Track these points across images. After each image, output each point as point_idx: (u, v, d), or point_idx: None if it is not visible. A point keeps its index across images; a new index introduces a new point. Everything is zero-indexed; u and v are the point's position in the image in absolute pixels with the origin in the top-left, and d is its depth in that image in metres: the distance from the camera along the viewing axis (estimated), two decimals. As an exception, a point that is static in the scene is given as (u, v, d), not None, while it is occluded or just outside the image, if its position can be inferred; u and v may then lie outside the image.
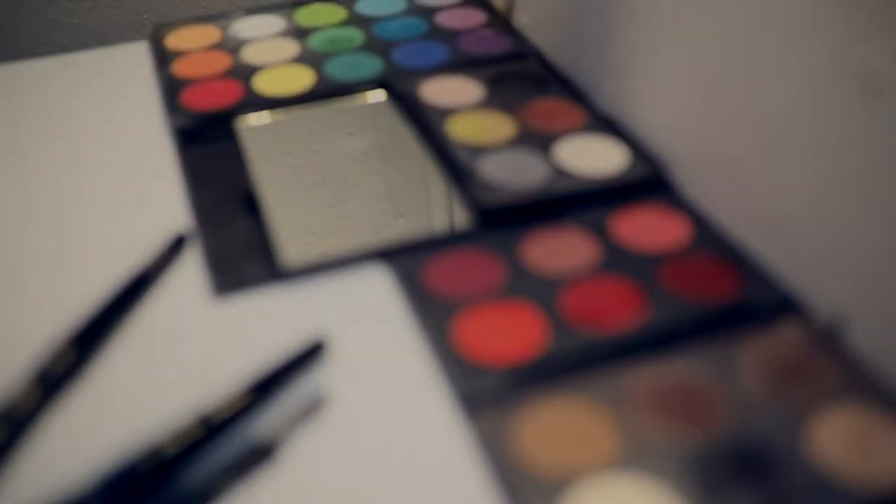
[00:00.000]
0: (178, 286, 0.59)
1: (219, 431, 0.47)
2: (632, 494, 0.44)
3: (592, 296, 0.56)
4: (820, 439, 0.46)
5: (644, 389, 0.49)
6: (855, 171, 0.49)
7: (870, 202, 0.49)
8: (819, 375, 0.50)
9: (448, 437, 0.48)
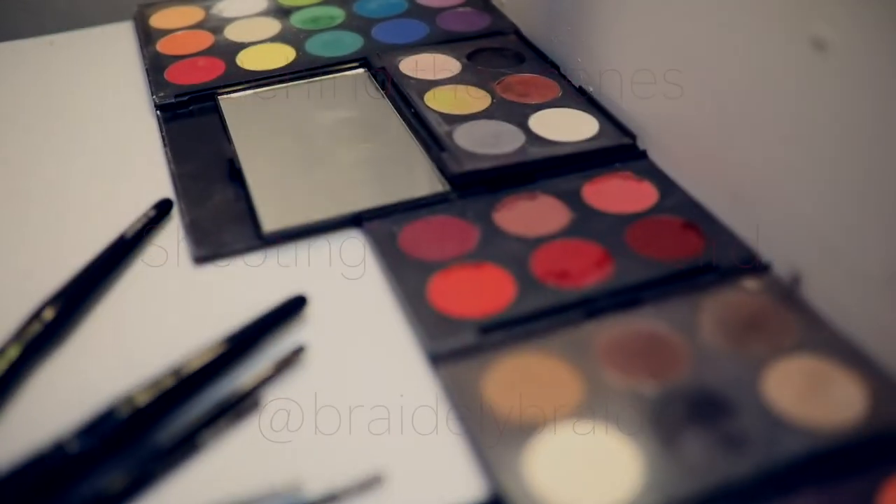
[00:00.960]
0: (161, 251, 0.61)
1: (197, 381, 0.49)
2: (594, 440, 0.46)
3: (562, 256, 0.58)
4: (775, 385, 0.48)
5: (608, 342, 0.52)
6: (811, 137, 0.51)
7: (824, 165, 0.51)
8: (776, 327, 0.52)
9: (420, 387, 0.50)
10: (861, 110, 0.47)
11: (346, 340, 0.54)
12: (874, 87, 0.46)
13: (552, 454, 0.45)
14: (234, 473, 0.46)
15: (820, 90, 0.49)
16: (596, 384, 0.49)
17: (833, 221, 0.51)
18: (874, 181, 0.47)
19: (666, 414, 0.47)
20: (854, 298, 0.50)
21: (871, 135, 0.47)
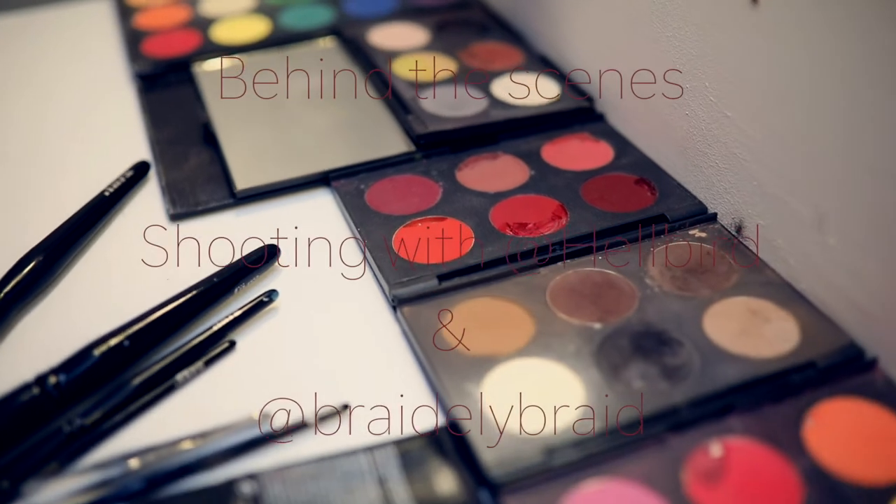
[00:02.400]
0: (139, 210, 0.64)
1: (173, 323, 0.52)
2: (544, 372, 0.49)
3: (520, 210, 0.61)
4: (715, 322, 0.52)
5: (560, 285, 0.55)
6: (749, 92, 0.54)
7: (762, 119, 0.54)
8: (719, 271, 0.56)
9: (383, 328, 0.54)
10: (794, 63, 0.50)
11: (314, 287, 0.57)
12: (805, 39, 0.49)
13: (504, 385, 0.48)
14: (209, 408, 0.49)
15: (755, 44, 0.53)
16: (547, 323, 0.52)
17: (771, 172, 0.54)
18: (805, 133, 0.51)
19: (612, 348, 0.50)
20: (789, 242, 0.54)
21: (805, 87, 0.50)
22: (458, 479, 0.44)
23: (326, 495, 0.43)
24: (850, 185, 0.48)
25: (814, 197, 0.51)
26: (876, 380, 0.48)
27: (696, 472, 0.44)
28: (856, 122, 0.46)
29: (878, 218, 0.47)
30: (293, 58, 0.80)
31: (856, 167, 0.47)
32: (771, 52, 0.51)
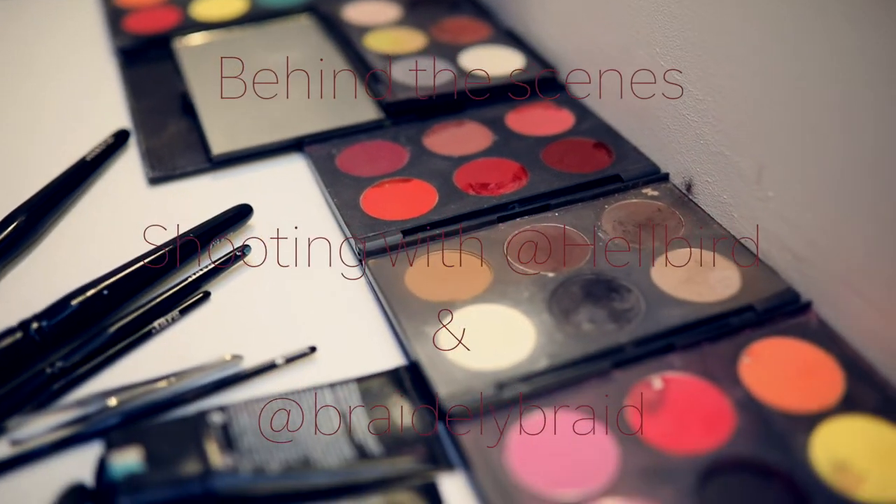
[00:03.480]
0: (119, 174, 0.67)
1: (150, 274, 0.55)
2: (499, 317, 0.52)
3: (482, 171, 0.64)
4: (662, 271, 0.55)
5: (517, 239, 0.58)
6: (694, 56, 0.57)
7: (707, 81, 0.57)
8: (669, 225, 0.59)
9: (350, 280, 0.57)
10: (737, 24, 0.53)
11: (286, 244, 0.60)
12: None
13: (460, 328, 0.51)
14: (184, 353, 0.51)
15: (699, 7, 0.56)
16: (503, 273, 0.55)
17: (716, 131, 0.57)
18: (747, 93, 0.54)
19: (564, 295, 0.53)
20: (733, 196, 0.57)
21: (747, 49, 0.53)
22: (415, 411, 0.47)
23: (291, 425, 0.46)
24: (786, 141, 0.51)
25: (755, 153, 0.54)
26: (810, 321, 0.51)
27: (636, 403, 0.47)
28: (794, 80, 0.50)
29: (811, 170, 0.50)
30: (270, 34, 0.83)
31: (792, 123, 0.50)
32: (715, 14, 0.55)
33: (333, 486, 0.44)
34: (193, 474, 0.43)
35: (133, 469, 0.42)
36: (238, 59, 0.78)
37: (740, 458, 0.44)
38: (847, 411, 0.46)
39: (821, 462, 0.44)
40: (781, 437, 0.45)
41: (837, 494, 0.42)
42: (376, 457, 0.45)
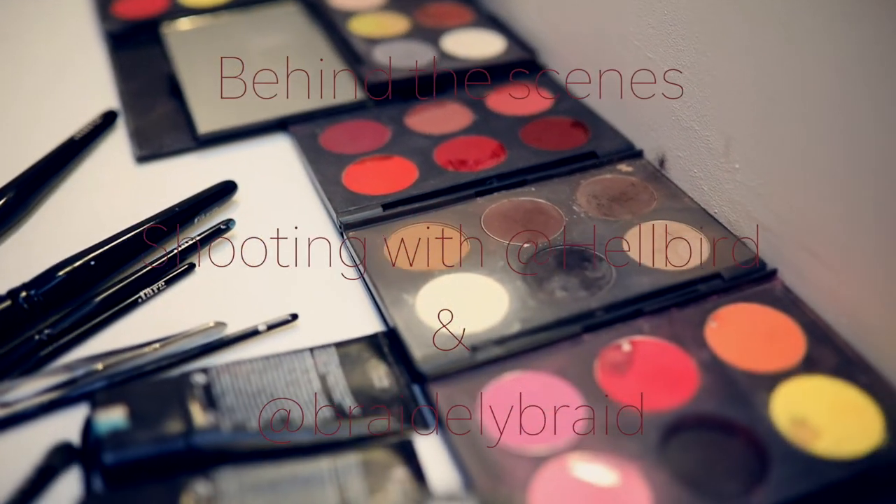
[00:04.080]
0: (107, 153, 0.69)
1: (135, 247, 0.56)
2: (474, 284, 0.54)
3: (462, 149, 0.66)
4: (635, 242, 0.57)
5: (494, 212, 0.60)
6: (667, 35, 0.59)
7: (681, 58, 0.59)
8: (641, 199, 0.61)
9: (333, 250, 0.58)
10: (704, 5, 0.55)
11: (270, 218, 0.61)
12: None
13: (437, 295, 0.53)
14: (169, 322, 0.53)
15: None
16: (480, 244, 0.57)
17: (687, 107, 0.59)
18: (715, 69, 0.55)
19: (537, 263, 0.55)
20: (703, 170, 0.59)
21: (715, 27, 0.55)
22: (391, 374, 0.49)
23: (271, 386, 0.47)
24: (751, 114, 0.53)
25: (722, 126, 0.56)
26: (775, 287, 0.53)
27: (605, 365, 0.49)
28: (758, 55, 0.51)
29: (774, 142, 0.52)
30: (256, 19, 0.84)
31: (757, 96, 0.52)
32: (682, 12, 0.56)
33: (311, 443, 0.45)
34: (176, 431, 0.44)
35: (118, 426, 0.44)
36: (225, 44, 0.79)
37: (703, 414, 0.46)
38: (807, 372, 0.48)
39: (780, 418, 0.46)
40: (743, 396, 0.47)
41: (795, 448, 0.44)
42: (354, 417, 0.46)
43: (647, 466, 0.43)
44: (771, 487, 0.42)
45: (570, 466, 0.44)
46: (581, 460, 0.44)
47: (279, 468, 0.43)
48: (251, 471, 0.43)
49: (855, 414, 0.46)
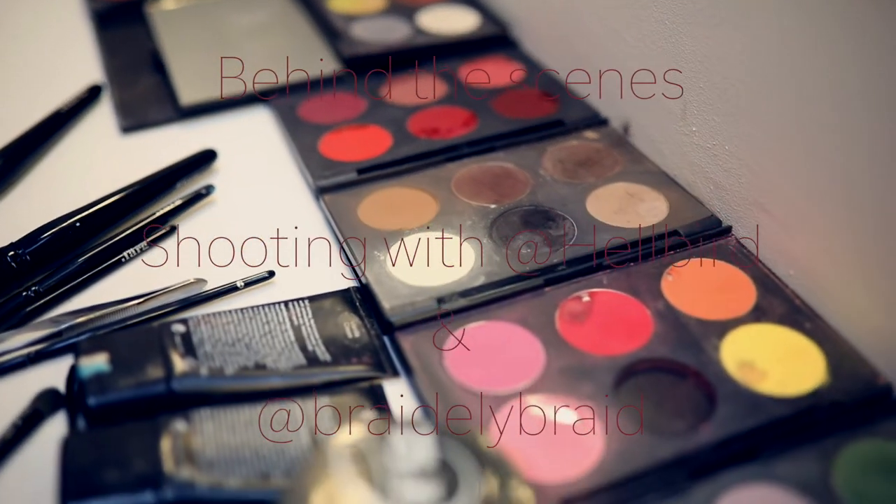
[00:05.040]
0: (92, 125, 0.71)
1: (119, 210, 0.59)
2: (443, 243, 0.56)
3: (434, 118, 0.69)
4: (597, 203, 0.59)
5: (463, 176, 0.62)
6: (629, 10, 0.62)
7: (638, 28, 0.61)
8: (605, 163, 0.63)
9: (306, 214, 0.61)
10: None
11: (249, 184, 0.64)
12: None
13: (409, 253, 0.56)
14: (152, 281, 0.55)
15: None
16: (449, 205, 0.59)
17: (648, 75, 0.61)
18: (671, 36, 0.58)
19: (504, 223, 0.57)
20: (663, 135, 0.61)
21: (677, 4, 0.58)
22: (363, 326, 0.52)
23: (247, 336, 0.50)
24: (705, 76, 0.56)
25: (679, 91, 0.59)
26: (729, 243, 0.56)
27: (565, 314, 0.51)
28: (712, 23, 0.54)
29: (726, 104, 0.54)
30: None
31: (711, 59, 0.55)
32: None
33: (285, 388, 0.48)
34: (156, 376, 0.47)
35: (100, 370, 0.46)
36: (208, 22, 0.82)
37: (656, 358, 0.49)
38: (756, 320, 0.51)
39: (729, 362, 0.48)
40: (695, 341, 0.49)
41: (742, 388, 0.47)
42: (326, 363, 0.49)
43: (600, 406, 0.46)
44: (717, 423, 0.45)
45: (528, 406, 0.46)
46: (539, 401, 0.46)
47: (254, 409, 0.45)
48: (227, 411, 0.45)
49: (799, 357, 0.49)
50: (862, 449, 0.44)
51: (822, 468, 0.43)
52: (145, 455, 0.42)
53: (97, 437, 0.44)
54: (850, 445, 0.44)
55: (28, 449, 0.46)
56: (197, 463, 0.42)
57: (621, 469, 0.43)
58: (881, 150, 0.44)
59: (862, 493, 0.42)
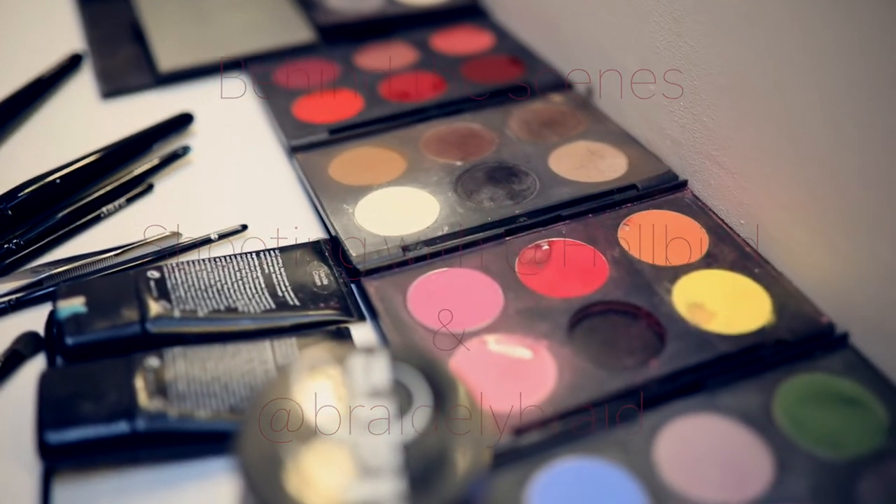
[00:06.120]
0: (73, 91, 0.73)
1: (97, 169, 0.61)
2: (409, 197, 0.59)
3: (405, 83, 0.71)
4: (559, 159, 0.62)
5: (431, 136, 0.64)
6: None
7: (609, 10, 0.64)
8: (569, 123, 0.65)
9: (282, 172, 0.63)
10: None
11: (225, 146, 0.66)
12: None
13: (375, 205, 0.58)
14: (129, 236, 0.57)
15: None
16: (416, 162, 0.62)
17: (613, 40, 0.64)
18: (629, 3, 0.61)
19: (468, 179, 0.60)
20: (625, 97, 0.64)
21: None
22: (331, 274, 0.54)
23: (219, 282, 0.52)
24: (662, 39, 0.58)
25: (639, 52, 0.61)
26: (685, 196, 0.58)
27: (524, 261, 0.54)
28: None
29: (681, 61, 0.57)
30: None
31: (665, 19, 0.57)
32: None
33: (255, 329, 0.50)
34: (131, 318, 0.49)
35: (77, 312, 0.49)
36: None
37: (610, 301, 0.51)
38: (707, 266, 0.53)
39: (679, 303, 0.51)
40: (648, 285, 0.52)
41: (691, 327, 0.49)
42: (294, 307, 0.51)
43: (555, 344, 0.48)
44: (666, 359, 0.47)
45: (486, 343, 0.48)
46: (497, 338, 0.49)
47: (224, 348, 0.48)
48: (199, 349, 0.47)
49: (747, 299, 0.51)
50: (802, 381, 0.47)
51: (764, 399, 0.46)
52: (119, 388, 0.44)
53: (73, 372, 0.46)
54: (791, 379, 0.47)
55: (9, 388, 0.48)
56: (168, 396, 0.44)
57: (572, 400, 0.45)
58: (825, 105, 0.47)
59: (799, 420, 0.44)
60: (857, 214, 0.46)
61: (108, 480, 0.44)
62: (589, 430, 0.44)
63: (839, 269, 0.48)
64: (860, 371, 0.47)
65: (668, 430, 0.44)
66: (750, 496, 0.41)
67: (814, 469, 0.42)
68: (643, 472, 0.42)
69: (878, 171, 0.44)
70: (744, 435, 0.44)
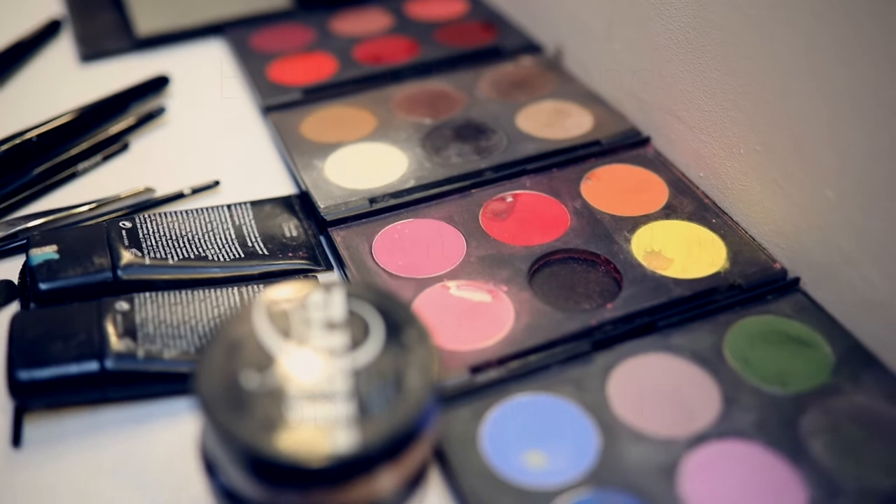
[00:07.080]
0: (52, 56, 0.74)
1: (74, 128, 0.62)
2: (379, 153, 0.60)
3: (379, 47, 0.72)
4: (526, 117, 0.63)
5: (402, 96, 0.66)
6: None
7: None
8: (537, 84, 0.67)
9: (256, 132, 0.64)
10: None
11: (201, 107, 0.67)
12: None
13: (344, 161, 0.59)
14: (105, 192, 0.59)
15: None
16: (387, 121, 0.63)
17: (580, 4, 0.65)
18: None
19: (437, 136, 0.61)
20: (591, 58, 0.65)
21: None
22: (300, 227, 0.55)
23: (190, 232, 0.54)
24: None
25: (603, 12, 0.62)
26: (648, 152, 0.60)
27: (488, 212, 0.55)
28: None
29: (644, 21, 0.58)
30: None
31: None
32: None
33: (224, 277, 0.51)
34: (103, 265, 0.50)
35: (50, 258, 0.50)
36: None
37: (570, 248, 0.52)
38: (666, 217, 0.55)
39: (637, 251, 0.52)
40: (608, 234, 0.53)
41: (648, 273, 0.51)
42: (263, 256, 0.53)
43: (515, 288, 0.50)
44: (621, 302, 0.49)
45: (448, 288, 0.50)
46: (458, 284, 0.50)
47: (193, 293, 0.49)
48: (167, 294, 0.49)
49: (703, 247, 0.52)
50: (753, 323, 0.48)
51: (715, 340, 0.47)
52: (89, 330, 0.46)
53: (44, 314, 0.47)
54: (743, 320, 0.48)
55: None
56: (137, 337, 0.46)
57: (529, 340, 0.47)
58: (776, 54, 0.48)
59: (748, 358, 0.46)
60: (806, 162, 0.48)
61: (77, 419, 0.45)
62: (544, 369, 0.45)
63: (792, 217, 0.50)
64: (809, 313, 0.48)
65: (620, 369, 0.46)
66: (698, 429, 0.43)
67: (760, 404, 0.44)
68: (596, 407, 0.44)
69: (827, 118, 0.46)
70: (694, 372, 0.45)
